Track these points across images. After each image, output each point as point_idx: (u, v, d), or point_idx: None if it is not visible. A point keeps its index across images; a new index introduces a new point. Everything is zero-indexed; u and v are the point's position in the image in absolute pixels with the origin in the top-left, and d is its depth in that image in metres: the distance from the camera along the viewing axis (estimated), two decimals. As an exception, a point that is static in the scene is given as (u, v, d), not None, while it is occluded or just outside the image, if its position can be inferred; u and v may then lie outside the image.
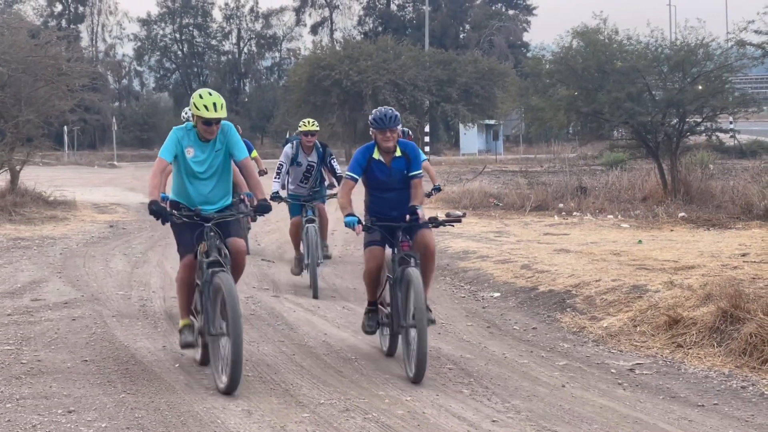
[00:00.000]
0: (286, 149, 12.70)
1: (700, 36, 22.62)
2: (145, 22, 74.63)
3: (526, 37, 77.95)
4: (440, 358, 8.66)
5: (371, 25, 77.36)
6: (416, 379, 7.72)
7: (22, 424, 6.53)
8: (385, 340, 8.81)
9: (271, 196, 11.20)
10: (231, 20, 75.97)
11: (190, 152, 7.87)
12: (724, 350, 8.57)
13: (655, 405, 7.39)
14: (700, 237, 16.00)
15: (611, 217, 19.86)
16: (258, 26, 76.72)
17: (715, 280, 10.24)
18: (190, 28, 75.64)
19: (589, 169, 32.00)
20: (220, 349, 7.51)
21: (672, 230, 17.33)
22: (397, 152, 8.59)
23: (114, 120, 55.93)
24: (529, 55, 61.30)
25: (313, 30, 77.32)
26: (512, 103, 40.80)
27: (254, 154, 15.66)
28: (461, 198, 23.56)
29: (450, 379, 7.97)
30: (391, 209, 8.57)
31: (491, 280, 12.81)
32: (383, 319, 8.65)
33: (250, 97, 73.19)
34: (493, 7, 77.77)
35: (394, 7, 78.30)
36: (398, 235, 8.36)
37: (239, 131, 8.73)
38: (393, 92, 50.06)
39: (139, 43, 75.00)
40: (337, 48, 57.89)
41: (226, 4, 75.72)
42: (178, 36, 75.72)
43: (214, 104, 7.67)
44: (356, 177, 8.55)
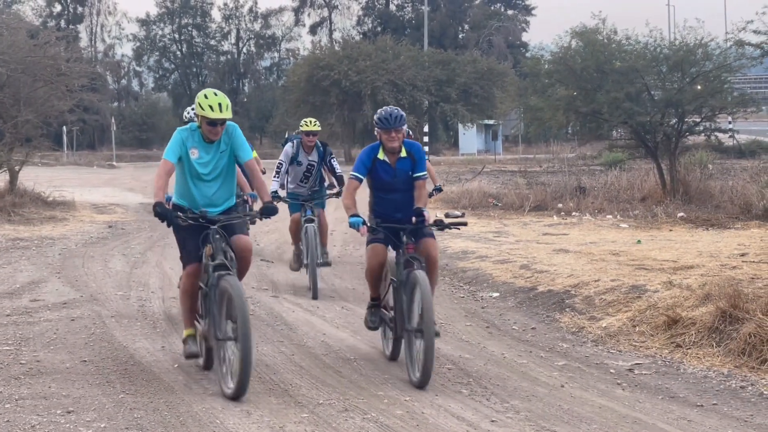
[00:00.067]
0: (287, 148, 12.65)
1: (699, 36, 22.65)
2: (144, 23, 74.61)
3: (525, 37, 78.03)
4: (439, 358, 8.64)
5: (370, 25, 77.35)
6: (421, 384, 7.59)
7: (21, 424, 6.53)
8: (387, 344, 8.67)
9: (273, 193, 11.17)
10: (230, 20, 75.96)
11: (194, 153, 7.71)
12: (723, 350, 8.57)
13: (654, 405, 7.39)
14: (699, 237, 16.00)
15: (610, 217, 19.86)
16: (257, 26, 76.71)
17: (714, 280, 10.24)
18: (189, 29, 75.61)
19: (588, 169, 31.99)
20: (226, 354, 7.35)
21: (671, 230, 17.33)
22: (402, 153, 8.43)
23: (113, 120, 55.88)
24: (528, 55, 61.36)
25: (312, 30, 77.32)
26: (511, 103, 40.85)
27: (254, 154, 15.64)
28: (460, 198, 23.56)
29: (449, 379, 7.96)
30: (395, 211, 8.42)
31: (490, 280, 12.81)
32: (388, 323, 8.50)
33: (249, 97, 73.16)
34: (492, 7, 77.78)
35: (393, 7, 78.30)
36: (403, 238, 8.19)
37: None
38: (392, 92, 50.04)
39: (138, 44, 74.99)
40: (336, 48, 57.89)
41: (225, 5, 75.73)
42: (177, 36, 75.69)
43: (219, 105, 7.54)
44: (361, 177, 8.41)
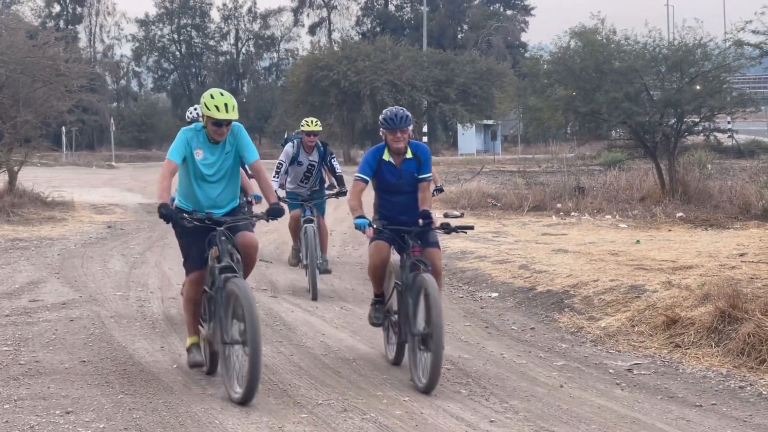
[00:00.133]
0: (287, 148, 12.59)
1: (698, 36, 22.68)
2: (143, 23, 74.63)
3: (524, 38, 78.10)
4: (438, 359, 8.65)
5: (369, 26, 77.38)
6: (428, 389, 7.44)
7: (20, 425, 6.52)
8: (390, 349, 8.51)
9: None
10: (229, 21, 75.98)
11: (199, 154, 7.58)
12: (722, 350, 8.57)
13: (653, 405, 7.39)
14: (698, 237, 16.01)
15: (609, 217, 19.87)
16: (256, 27, 76.73)
17: (713, 280, 10.25)
18: (188, 29, 75.63)
19: (587, 169, 32.00)
20: (233, 358, 7.21)
21: (670, 230, 17.34)
22: (408, 154, 8.28)
23: (112, 121, 55.86)
24: (527, 55, 61.40)
25: (311, 30, 77.35)
26: (510, 104, 40.82)
27: None
28: (459, 198, 23.57)
29: (448, 380, 7.96)
30: (400, 213, 8.26)
31: (489, 280, 12.81)
32: (392, 327, 8.32)
33: (248, 97, 73.13)
34: (491, 8, 77.82)
35: (392, 8, 78.32)
36: (409, 241, 8.03)
37: None
38: (391, 92, 50.04)
39: (137, 44, 75.02)
40: (335, 48, 57.88)
41: (224, 5, 75.75)
42: (176, 36, 75.70)
43: (225, 105, 7.40)
44: (366, 179, 8.23)
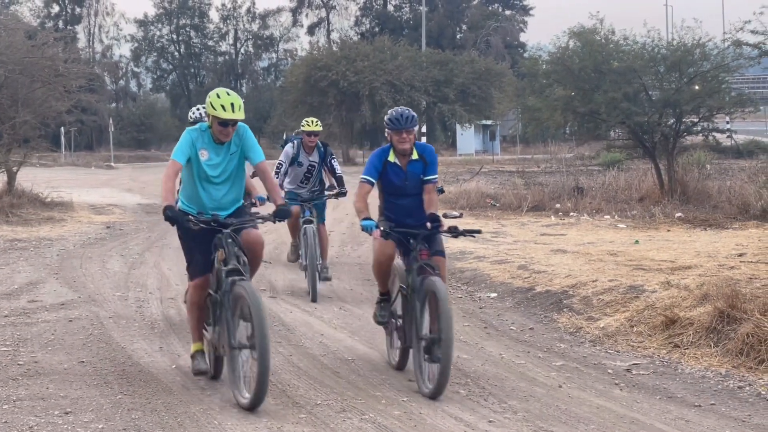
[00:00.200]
0: (287, 148, 12.50)
1: (697, 36, 22.68)
2: (142, 23, 74.62)
3: (523, 38, 78.10)
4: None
5: (368, 26, 77.38)
6: (434, 395, 7.31)
7: (19, 425, 6.52)
8: (393, 354, 8.38)
9: (268, 195, 11.09)
10: (228, 21, 75.98)
11: (204, 155, 7.46)
12: (720, 350, 8.57)
13: (652, 405, 7.39)
14: (697, 237, 16.01)
15: (608, 217, 19.86)
16: (255, 27, 76.73)
17: (711, 281, 10.24)
18: (187, 29, 75.63)
19: (586, 170, 32.00)
20: (241, 362, 7.08)
21: (669, 230, 17.34)
22: (414, 155, 8.12)
23: (111, 121, 55.81)
24: (525, 55, 61.35)
25: (310, 31, 77.34)
26: (509, 104, 40.81)
27: None
28: (458, 198, 23.57)
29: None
30: (406, 216, 8.11)
31: (488, 280, 12.81)
32: (397, 332, 8.17)
33: (246, 97, 72.92)
34: (490, 8, 77.85)
35: (390, 8, 78.32)
36: (417, 243, 7.86)
37: None
38: (390, 93, 50.07)
39: (136, 44, 75.01)
40: (334, 49, 57.88)
41: (223, 5, 75.74)
42: (174, 37, 75.70)
43: (231, 104, 7.29)
44: (372, 180, 8.08)
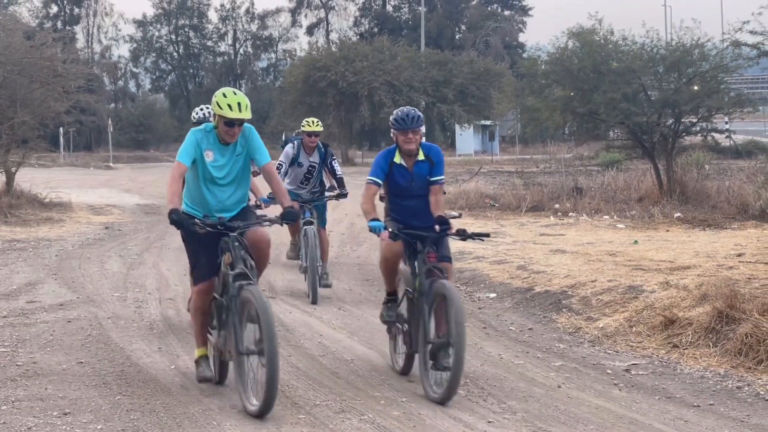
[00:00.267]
0: (287, 149, 12.37)
1: (696, 36, 22.69)
2: (141, 24, 74.66)
3: (522, 38, 78.19)
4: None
5: (367, 26, 77.43)
6: (444, 400, 7.16)
7: (17, 426, 6.52)
8: (397, 358, 8.24)
9: (269, 195, 11.06)
10: (227, 21, 76.00)
11: (209, 156, 7.31)
12: (719, 350, 8.57)
13: (651, 405, 7.39)
14: (696, 237, 16.01)
15: (607, 217, 19.86)
16: (254, 27, 76.76)
17: (710, 281, 10.24)
18: (186, 30, 75.65)
19: (585, 170, 31.99)
20: (248, 368, 6.95)
21: (668, 230, 17.33)
22: (420, 155, 7.99)
23: (110, 121, 55.87)
24: (524, 55, 61.44)
25: (309, 31, 77.39)
26: (508, 104, 40.81)
27: None
28: (457, 199, 23.56)
29: (446, 380, 7.95)
30: (412, 218, 7.97)
31: (487, 280, 12.80)
32: (404, 337, 8.01)
33: (245, 98, 73.11)
34: (489, 8, 77.91)
35: (389, 8, 78.36)
36: (425, 246, 7.71)
37: None
38: (389, 93, 50.08)
39: (135, 45, 75.04)
40: (333, 49, 57.87)
41: (222, 5, 75.78)
42: (173, 37, 75.73)
43: (238, 104, 7.15)
44: (379, 182, 7.97)
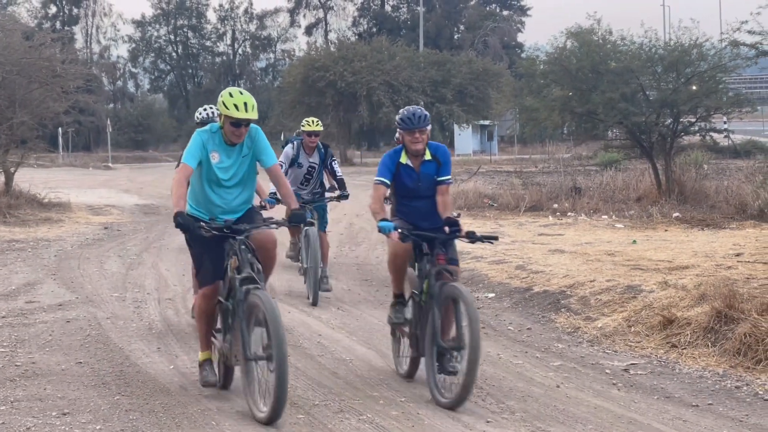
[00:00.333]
0: (287, 149, 12.23)
1: (694, 36, 22.71)
2: (140, 24, 74.72)
3: (521, 38, 78.29)
4: (435, 359, 8.64)
5: (365, 26, 77.49)
6: (455, 405, 7.02)
7: (16, 426, 6.52)
8: (401, 362, 8.11)
9: (272, 195, 11.06)
10: (225, 21, 76.08)
11: (215, 157, 7.16)
12: (718, 350, 8.57)
13: (650, 405, 7.40)
14: (695, 237, 16.01)
15: (606, 217, 19.87)
16: (252, 27, 76.84)
17: (709, 280, 10.25)
18: (185, 30, 75.70)
19: (583, 170, 31.99)
20: (256, 374, 6.82)
21: (666, 230, 17.34)
22: (427, 155, 7.87)
23: (109, 122, 55.87)
24: (523, 55, 61.38)
25: (308, 31, 77.46)
26: (507, 104, 40.74)
27: None
28: (456, 199, 23.52)
29: (445, 380, 7.95)
30: (420, 219, 7.85)
31: (486, 280, 12.81)
32: (410, 341, 7.87)
33: (244, 98, 73.10)
34: (488, 8, 77.98)
35: (388, 8, 78.43)
36: (435, 248, 7.58)
37: None
38: (387, 93, 50.11)
39: (134, 45, 75.10)
40: (332, 49, 57.91)
41: (221, 6, 75.91)
42: (172, 37, 75.78)
43: (245, 104, 7.02)
44: (387, 182, 7.84)
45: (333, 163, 12.47)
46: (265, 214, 8.69)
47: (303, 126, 12.33)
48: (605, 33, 23.51)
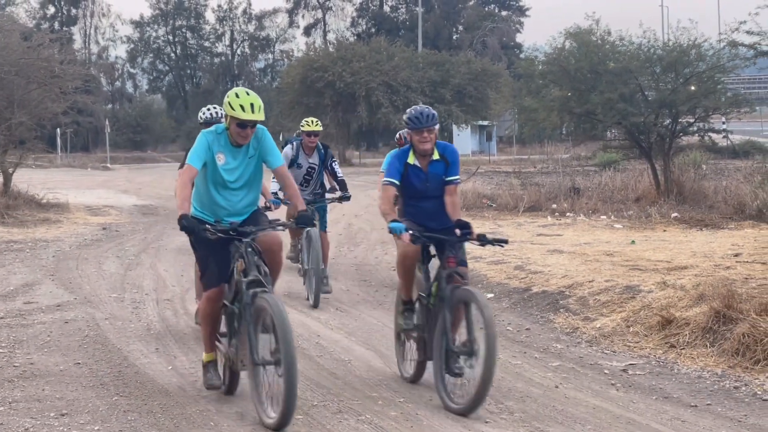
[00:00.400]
0: (286, 150, 12.11)
1: (693, 37, 22.73)
2: (138, 24, 74.71)
3: (519, 38, 78.28)
4: (434, 360, 8.63)
5: (364, 27, 77.48)
6: (466, 412, 6.90)
7: (14, 427, 6.52)
8: (406, 366, 7.99)
9: (276, 196, 11.03)
10: (224, 22, 76.06)
11: (220, 159, 7.05)
12: (716, 350, 8.57)
13: (648, 405, 7.40)
14: (693, 237, 16.02)
15: (604, 217, 19.87)
16: (251, 28, 76.83)
17: (707, 281, 10.25)
18: (183, 30, 75.69)
19: (582, 170, 32.02)
20: (264, 379, 6.69)
21: (665, 230, 17.35)
22: (435, 155, 7.75)
23: (107, 122, 55.87)
24: (522, 56, 61.39)
25: (306, 31, 77.45)
26: (505, 104, 40.86)
27: None
28: (455, 199, 23.52)
29: (443, 381, 7.94)
30: (428, 219, 7.71)
31: (484, 281, 12.80)
32: (417, 344, 7.73)
33: (243, 98, 73.04)
34: (486, 8, 77.98)
35: (387, 9, 78.41)
36: (446, 250, 7.46)
37: None
38: (386, 93, 50.10)
39: (132, 45, 75.07)
40: (330, 49, 57.92)
41: (219, 6, 75.91)
42: (171, 38, 75.76)
43: (251, 105, 6.94)
44: (396, 183, 7.70)
45: (333, 164, 12.41)
46: (270, 215, 8.60)
47: (302, 126, 12.28)
48: (604, 33, 23.55)
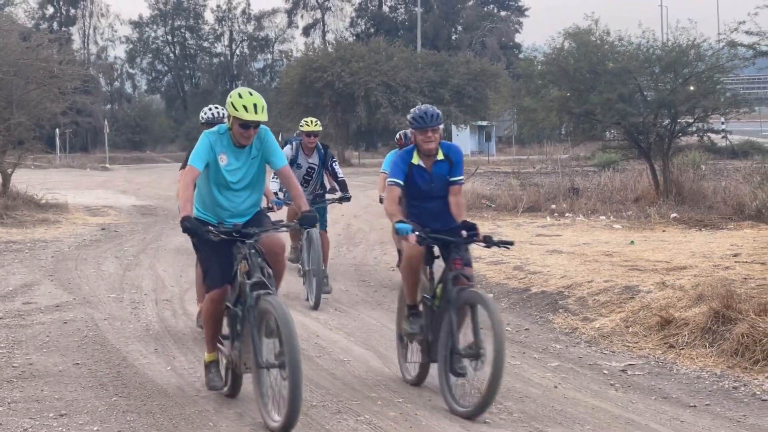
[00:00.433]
0: (286, 150, 12.01)
1: (692, 37, 22.72)
2: (137, 25, 74.69)
3: (518, 38, 78.26)
4: (433, 360, 8.63)
5: (363, 27, 77.47)
6: (473, 416, 6.86)
7: (13, 427, 6.51)
8: (408, 368, 7.94)
9: (278, 197, 11.01)
10: (223, 22, 76.05)
11: (223, 159, 6.97)
12: (716, 350, 8.58)
13: (647, 405, 7.40)
14: (692, 237, 16.02)
15: (603, 218, 19.88)
16: (250, 28, 76.82)
17: (707, 281, 10.25)
18: (182, 30, 75.67)
19: (581, 170, 32.03)
20: (269, 382, 6.64)
21: (664, 231, 17.35)
22: (439, 155, 7.70)
23: (106, 122, 55.87)
24: (521, 56, 61.40)
25: (305, 32, 77.45)
26: (504, 105, 40.84)
27: None
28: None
29: (442, 381, 7.94)
30: (432, 220, 7.64)
31: (483, 281, 12.79)
32: (422, 346, 7.64)
33: (242, 99, 73.04)
34: (485, 9, 77.97)
35: (386, 9, 78.41)
36: (452, 252, 7.36)
37: None
38: (385, 94, 50.09)
39: (131, 46, 75.04)
40: (329, 50, 57.90)
41: (218, 6, 75.96)
42: (170, 38, 75.76)
43: (255, 105, 6.82)
44: (401, 183, 7.64)
45: (333, 164, 12.37)
46: (272, 216, 8.55)
47: (302, 126, 12.25)
48: (603, 33, 23.54)
